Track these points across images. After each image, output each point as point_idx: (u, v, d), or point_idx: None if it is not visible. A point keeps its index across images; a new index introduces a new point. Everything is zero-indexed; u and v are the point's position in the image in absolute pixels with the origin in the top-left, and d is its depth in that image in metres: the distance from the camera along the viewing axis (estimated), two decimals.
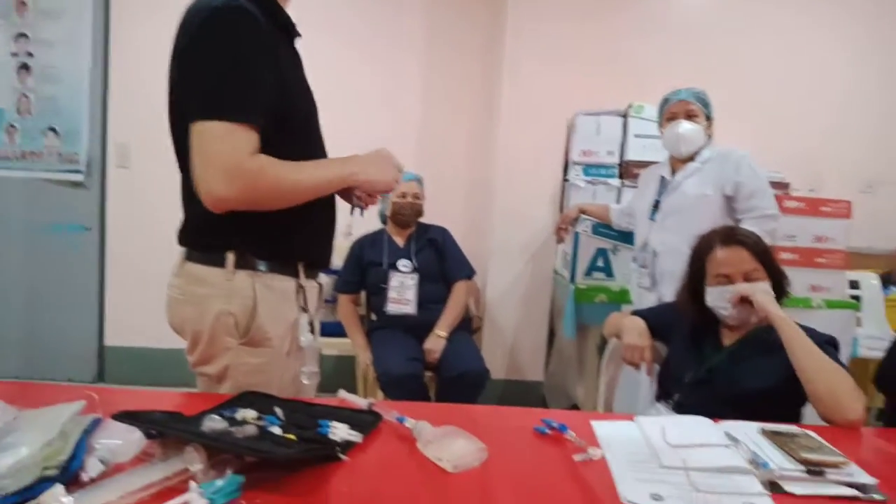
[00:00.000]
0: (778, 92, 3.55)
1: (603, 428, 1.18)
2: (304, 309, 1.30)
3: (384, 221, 2.91)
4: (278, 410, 1.10)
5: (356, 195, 1.35)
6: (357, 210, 1.38)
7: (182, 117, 1.15)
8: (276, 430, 1.02)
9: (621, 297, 2.84)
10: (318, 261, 1.35)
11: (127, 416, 0.94)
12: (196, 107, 1.11)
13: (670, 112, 2.37)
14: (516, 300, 3.36)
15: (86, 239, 3.41)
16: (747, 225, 2.10)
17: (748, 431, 1.16)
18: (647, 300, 2.41)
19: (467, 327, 2.94)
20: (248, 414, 1.06)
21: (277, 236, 1.23)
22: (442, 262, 2.84)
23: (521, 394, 3.34)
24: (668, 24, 3.53)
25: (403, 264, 2.75)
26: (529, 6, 3.18)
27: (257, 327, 1.23)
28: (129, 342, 3.47)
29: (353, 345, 2.75)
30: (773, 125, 3.49)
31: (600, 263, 2.95)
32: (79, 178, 3.36)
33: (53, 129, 3.35)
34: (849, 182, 3.53)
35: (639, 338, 1.71)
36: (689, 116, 2.34)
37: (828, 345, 1.49)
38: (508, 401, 3.30)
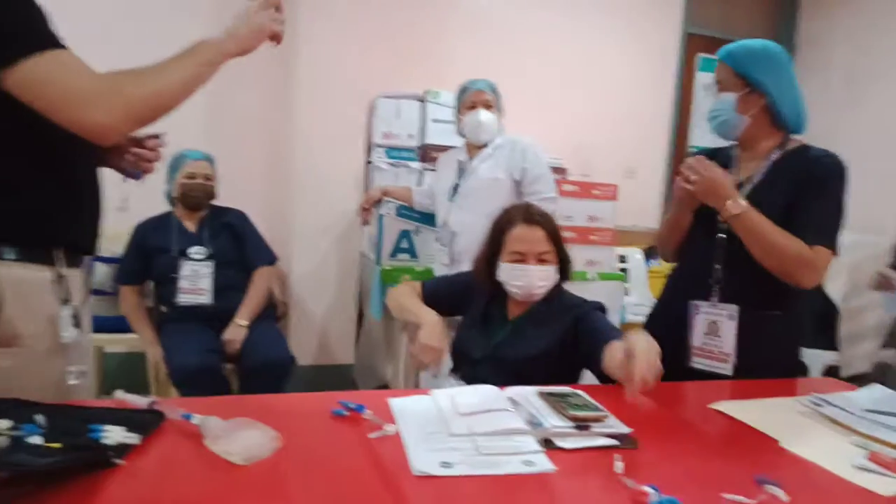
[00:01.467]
0: (557, 86, 3.92)
1: (399, 404, 1.22)
2: (66, 301, 1.16)
3: (172, 204, 2.68)
4: (39, 418, 0.98)
5: (128, 158, 1.24)
6: (132, 178, 1.27)
7: None
8: (36, 440, 0.91)
9: (425, 277, 2.93)
10: (80, 246, 1.22)
11: None
12: (20, 44, 1.01)
13: (470, 101, 2.52)
14: (324, 284, 3.32)
15: None
16: None
17: (528, 395, 1.27)
18: None
19: (271, 315, 2.84)
20: (2, 425, 0.93)
21: (27, 218, 1.11)
22: (241, 247, 2.70)
23: (331, 378, 3.32)
24: (467, 14, 3.70)
25: (196, 251, 2.57)
26: None
27: (4, 324, 1.09)
28: None
29: (141, 340, 2.52)
30: (553, 116, 3.84)
31: (404, 245, 3.02)
32: None
33: None
34: (614, 168, 4.02)
35: (437, 340, 1.65)
36: (487, 106, 2.51)
37: (598, 310, 1.68)
38: (318, 386, 3.20)
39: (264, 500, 0.86)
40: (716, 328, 1.61)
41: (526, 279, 1.65)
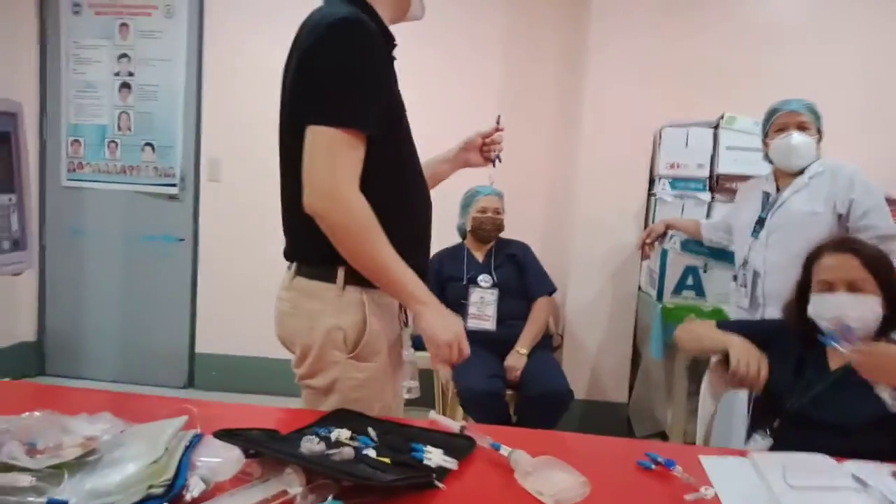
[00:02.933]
0: (884, 101, 3.30)
1: (713, 464, 1.10)
2: (406, 324, 1.32)
3: (463, 236, 2.88)
4: (371, 431, 1.08)
5: (484, 153, 1.61)
6: (496, 160, 1.62)
7: (293, 121, 1.20)
8: (371, 452, 1.01)
9: (714, 317, 2.67)
10: (418, 273, 1.32)
11: (227, 435, 0.94)
12: (314, 111, 1.16)
13: (779, 123, 2.23)
14: (598, 318, 3.25)
15: (179, 249, 3.57)
16: None
17: (879, 474, 1.05)
18: None
19: (548, 345, 2.87)
20: (343, 434, 1.05)
21: None
22: (522, 277, 2.79)
23: (604, 416, 3.21)
24: (757, 33, 3.35)
25: (483, 279, 2.72)
26: (613, 15, 3.10)
27: (366, 342, 1.25)
28: (217, 349, 3.59)
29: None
30: (878, 136, 3.24)
31: (690, 281, 2.81)
32: (173, 191, 3.52)
33: (150, 145, 3.53)
34: None
35: (752, 349, 1.55)
36: (801, 128, 2.19)
37: None
38: (591, 422, 3.18)
39: None
40: None
41: (835, 310, 1.44)
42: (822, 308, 1.48)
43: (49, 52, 3.55)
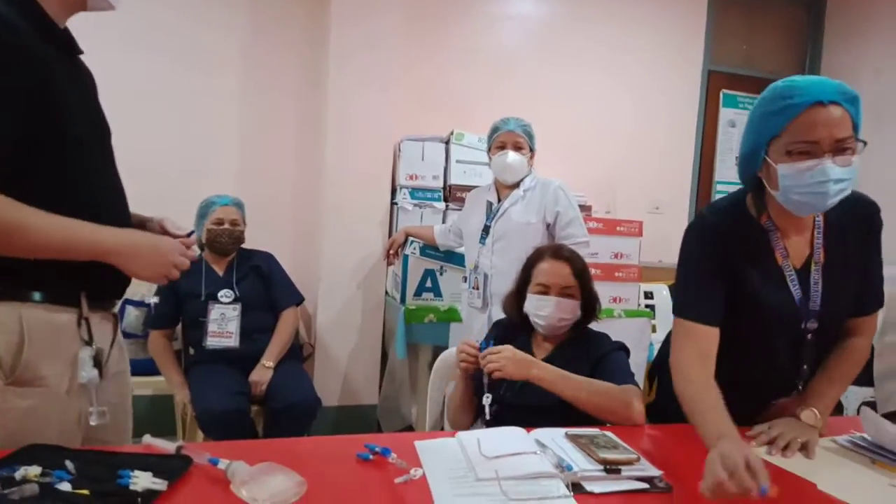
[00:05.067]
0: (581, 125, 3.96)
1: (425, 447, 1.21)
2: (88, 342, 1.18)
3: (201, 248, 2.73)
4: (69, 464, 0.99)
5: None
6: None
7: None
8: (65, 487, 0.92)
9: (449, 316, 2.94)
10: (103, 291, 1.24)
11: None
12: None
13: (499, 141, 2.51)
14: (349, 324, 3.33)
15: None
16: None
17: (555, 437, 1.25)
18: (479, 320, 2.52)
19: (297, 356, 2.85)
20: (31, 471, 0.94)
21: (51, 262, 1.10)
22: (268, 289, 2.73)
23: (356, 419, 3.30)
24: (487, 57, 3.80)
25: (224, 294, 2.60)
26: (354, 31, 3.21)
27: (25, 365, 1.10)
28: None
29: (169, 383, 2.54)
30: (576, 154, 3.87)
31: (428, 284, 3.03)
32: None
33: None
34: (638, 204, 4.01)
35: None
36: (517, 147, 2.49)
37: (620, 350, 1.70)
38: (342, 428, 3.24)
39: None
40: None
41: (548, 310, 1.69)
42: (537, 307, 1.70)
43: None
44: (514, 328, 1.80)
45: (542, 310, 1.69)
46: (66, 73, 1.17)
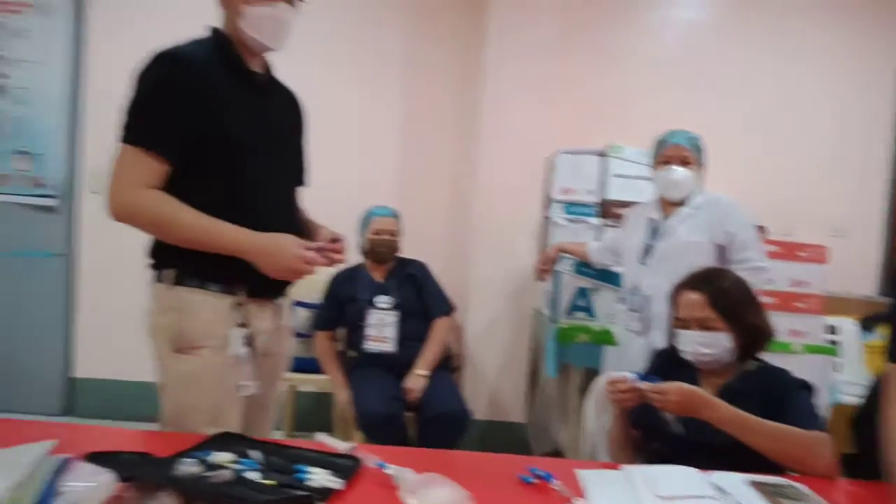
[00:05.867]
0: (754, 138, 3.64)
1: (589, 477, 1.15)
2: (243, 325, 1.39)
3: (362, 256, 2.87)
4: (255, 454, 1.06)
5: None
6: None
7: None
8: (254, 476, 0.99)
9: (603, 338, 2.83)
10: (261, 286, 1.40)
11: (97, 458, 0.90)
12: (121, 131, 1.32)
13: (664, 156, 2.38)
14: (497, 338, 3.33)
15: (54, 266, 3.32)
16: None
17: (737, 483, 1.14)
18: (637, 344, 2.39)
19: (448, 366, 2.89)
20: (224, 457, 1.03)
21: (211, 258, 1.34)
22: (421, 297, 2.81)
23: (504, 436, 3.27)
24: (649, 66, 3.63)
25: (382, 300, 2.71)
26: (510, 42, 3.22)
27: (183, 336, 1.35)
28: (99, 374, 3.36)
29: (331, 382, 2.69)
30: (747, 168, 3.56)
31: (582, 303, 2.94)
32: (50, 202, 3.28)
33: (24, 152, 3.28)
34: (821, 227, 3.61)
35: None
36: (684, 162, 2.34)
37: (803, 389, 1.52)
38: (491, 443, 3.23)
39: None
40: None
41: (687, 345, 1.58)
42: (678, 342, 1.61)
43: None
44: (676, 361, 1.68)
45: (683, 344, 1.60)
46: (241, 99, 1.41)
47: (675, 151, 2.36)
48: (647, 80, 3.61)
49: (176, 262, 1.37)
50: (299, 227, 1.53)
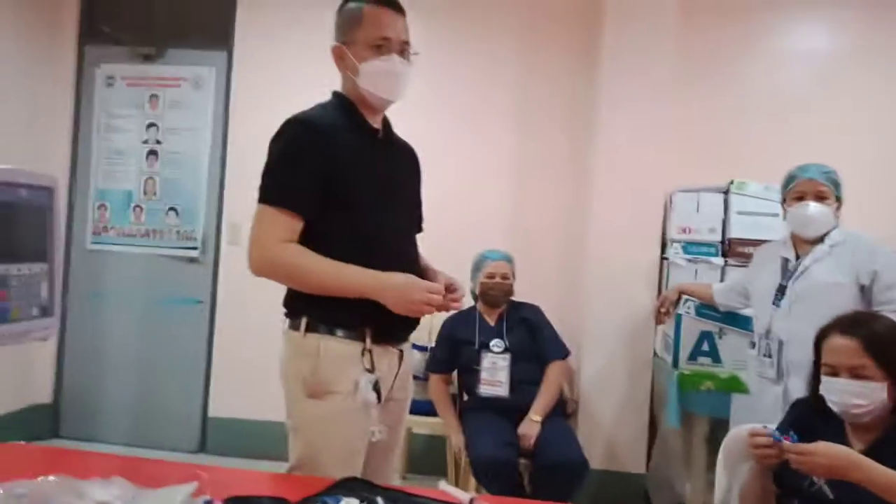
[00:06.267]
0: (889, 170, 3.35)
1: None
2: (369, 370, 1.43)
3: (475, 299, 2.90)
4: (380, 500, 1.08)
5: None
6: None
7: None
8: None
9: (731, 385, 2.64)
10: (385, 330, 1.48)
11: (237, 503, 0.95)
12: (259, 192, 1.45)
13: (798, 191, 2.24)
14: (613, 383, 3.21)
15: (197, 312, 3.62)
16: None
17: None
18: (772, 392, 2.22)
19: (562, 411, 2.83)
20: (352, 502, 1.05)
21: (340, 306, 1.42)
22: (535, 341, 2.79)
23: (621, 487, 3.12)
24: (770, 99, 3.46)
25: (495, 344, 2.71)
26: (623, 82, 3.18)
27: (318, 381, 1.42)
28: (230, 413, 3.58)
29: (445, 426, 2.70)
30: (890, 206, 3.26)
31: (705, 347, 2.78)
32: (194, 254, 3.61)
33: (174, 209, 3.65)
34: None
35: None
36: (819, 197, 2.20)
37: None
38: (607, 494, 3.09)
39: None
40: None
41: (837, 395, 1.47)
42: (826, 390, 1.49)
43: (82, 122, 3.72)
44: (820, 412, 1.54)
45: (832, 394, 1.47)
46: (365, 155, 1.51)
47: (809, 186, 2.22)
48: (768, 112, 3.44)
49: (308, 309, 1.45)
50: (419, 271, 1.59)
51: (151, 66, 3.68)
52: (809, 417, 1.55)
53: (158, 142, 3.67)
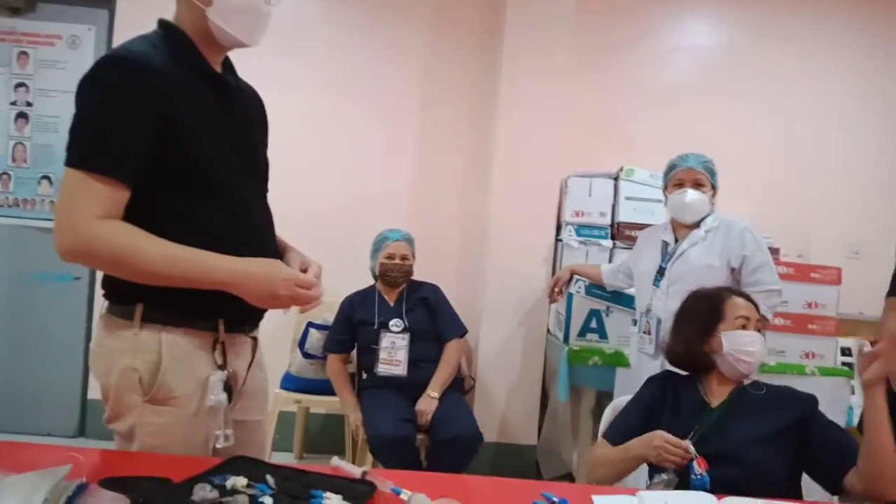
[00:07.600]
0: (765, 159, 3.66)
1: (604, 503, 1.15)
2: (221, 366, 1.23)
3: (375, 279, 2.89)
4: (270, 478, 1.07)
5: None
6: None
7: None
8: (268, 501, 0.99)
9: (615, 360, 2.82)
10: (242, 316, 1.27)
11: (114, 484, 0.91)
12: (66, 153, 1.13)
13: (677, 179, 2.39)
14: (509, 360, 3.31)
15: (74, 289, 3.36)
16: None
17: None
18: (650, 367, 2.38)
19: (459, 388, 2.89)
20: (239, 482, 1.03)
21: (185, 292, 1.17)
22: (433, 320, 2.82)
23: (514, 459, 3.25)
24: (660, 90, 3.68)
25: (394, 324, 2.72)
26: (523, 68, 3.26)
27: (161, 384, 1.18)
28: None
29: (343, 405, 2.69)
30: (760, 190, 3.58)
31: (594, 325, 2.94)
32: None
33: (48, 178, 3.35)
34: (834, 248, 3.59)
35: (653, 439, 1.50)
36: (696, 185, 2.35)
37: (816, 406, 1.55)
38: (501, 466, 3.21)
39: None
40: None
41: (758, 345, 1.61)
42: (744, 342, 1.59)
43: None
44: (677, 382, 1.68)
45: (752, 346, 1.60)
46: (207, 105, 1.24)
47: (687, 174, 2.37)
48: (658, 103, 3.65)
49: (143, 295, 1.18)
50: (277, 252, 1.36)
51: (20, 21, 3.34)
52: (671, 389, 1.67)
53: (29, 104, 3.35)
